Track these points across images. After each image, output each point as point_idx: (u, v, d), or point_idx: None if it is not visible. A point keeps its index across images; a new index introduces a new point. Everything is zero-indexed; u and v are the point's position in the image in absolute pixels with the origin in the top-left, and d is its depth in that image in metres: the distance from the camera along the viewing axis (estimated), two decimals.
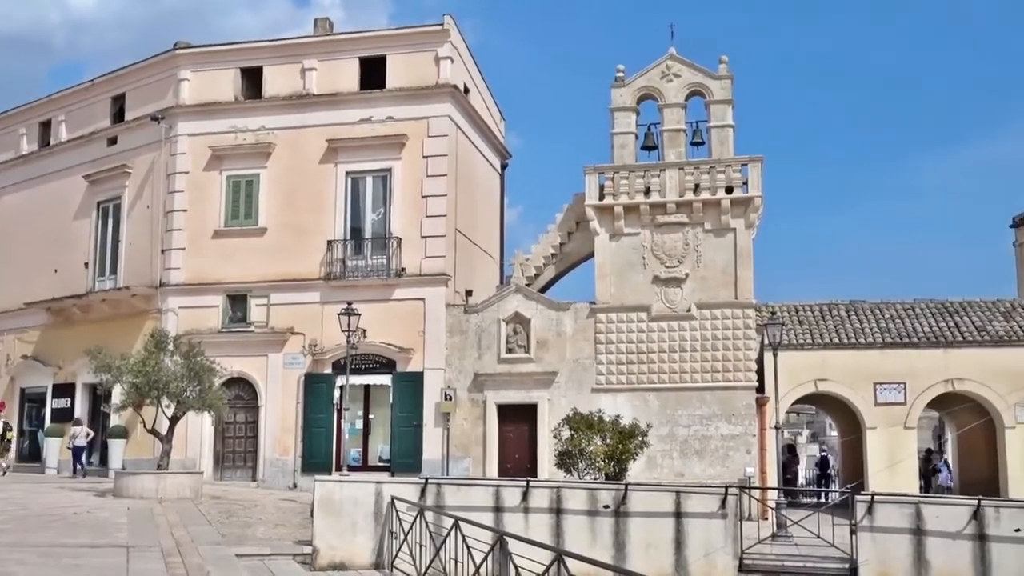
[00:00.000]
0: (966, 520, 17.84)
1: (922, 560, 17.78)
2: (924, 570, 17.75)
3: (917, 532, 17.85)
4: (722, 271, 26.11)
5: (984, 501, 18.29)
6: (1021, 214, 36.33)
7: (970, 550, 17.73)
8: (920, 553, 17.81)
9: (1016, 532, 17.58)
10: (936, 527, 17.86)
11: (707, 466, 25.28)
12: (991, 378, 25.15)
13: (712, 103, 26.99)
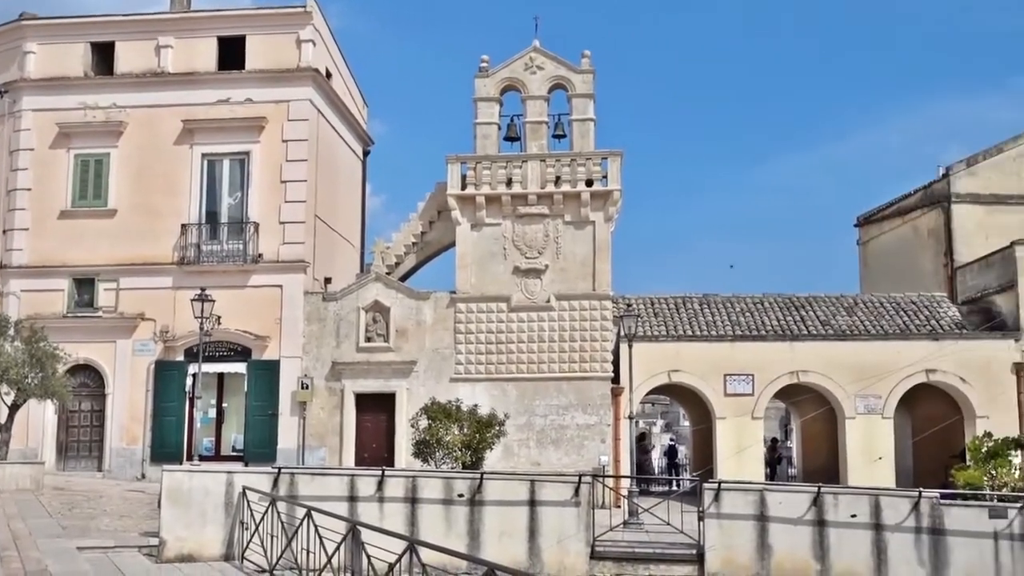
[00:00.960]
0: (807, 507, 18.61)
1: (765, 545, 18.47)
2: (767, 555, 18.45)
3: (761, 518, 18.53)
4: (581, 263, 26.50)
5: (824, 488, 19.10)
6: (865, 214, 38.04)
7: (810, 535, 18.51)
8: (763, 538, 18.50)
9: (852, 518, 18.43)
10: (779, 513, 18.57)
11: (563, 455, 25.65)
12: (834, 370, 26.21)
13: (574, 96, 27.34)
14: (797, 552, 18.46)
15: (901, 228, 35.18)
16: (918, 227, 34.00)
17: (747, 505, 18.67)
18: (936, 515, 18.51)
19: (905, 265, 34.05)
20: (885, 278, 34.71)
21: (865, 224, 38.05)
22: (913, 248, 34.10)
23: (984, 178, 31.90)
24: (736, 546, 18.46)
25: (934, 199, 32.95)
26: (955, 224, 31.65)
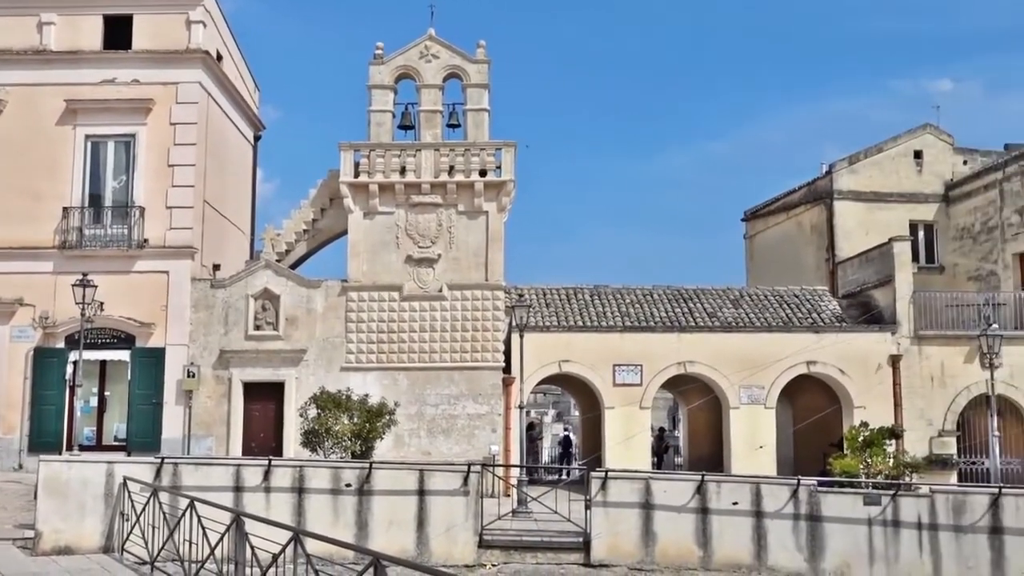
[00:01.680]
0: (691, 495, 19.03)
1: (650, 532, 18.82)
2: (651, 542, 18.81)
3: (646, 506, 18.88)
4: (474, 253, 26.51)
5: (707, 477, 19.55)
6: (751, 209, 38.96)
7: (693, 522, 18.94)
8: (648, 526, 18.85)
9: (734, 505, 18.90)
10: (663, 501, 18.94)
11: (453, 444, 25.67)
12: (719, 361, 26.75)
13: (469, 86, 27.31)
14: (681, 539, 18.88)
15: (786, 223, 36.18)
16: (802, 223, 35.01)
17: (633, 493, 18.99)
18: (814, 502, 19.12)
19: (789, 259, 35.01)
20: (770, 271, 35.65)
21: (751, 219, 39.01)
22: (797, 243, 35.10)
23: (865, 176, 32.99)
24: (622, 533, 18.78)
25: (817, 196, 33.95)
26: (837, 220, 32.69)
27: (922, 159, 33.18)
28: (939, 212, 32.80)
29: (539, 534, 19.14)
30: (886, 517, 19.06)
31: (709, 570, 18.61)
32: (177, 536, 14.56)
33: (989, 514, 19.03)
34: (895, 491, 19.50)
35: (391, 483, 18.61)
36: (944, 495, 19.59)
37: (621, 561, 18.66)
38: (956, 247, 32.18)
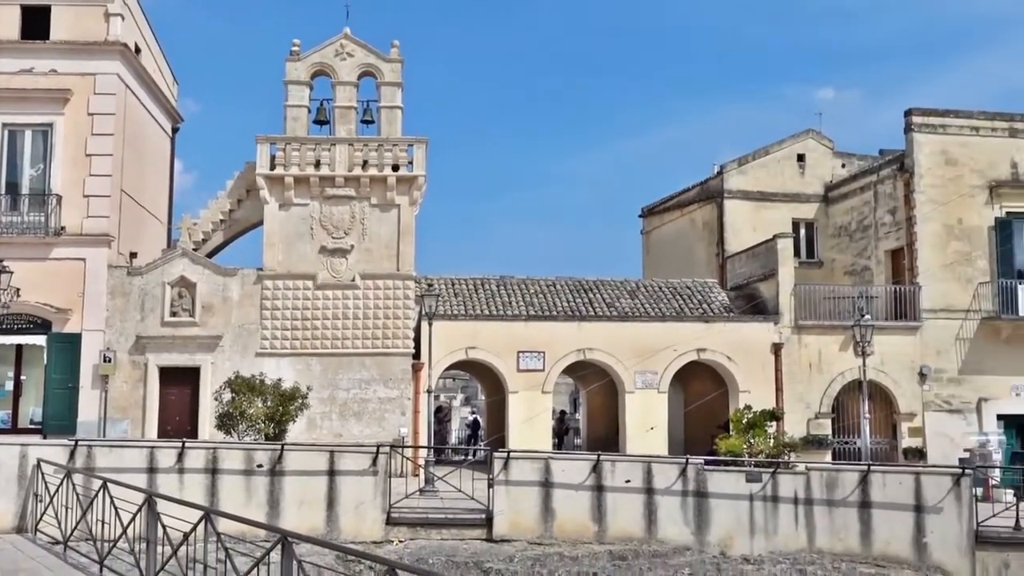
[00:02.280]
0: (587, 473, 19.25)
1: (549, 509, 19.01)
2: (550, 518, 18.99)
3: (546, 484, 19.06)
4: (386, 244, 26.36)
5: (603, 457, 19.80)
6: (648, 206, 39.47)
7: (589, 499, 19.17)
8: (548, 503, 19.03)
9: (627, 483, 19.18)
10: (562, 480, 19.14)
11: (364, 427, 25.50)
12: (616, 348, 27.05)
13: (383, 84, 27.10)
14: (578, 515, 19.10)
15: (680, 220, 36.75)
16: (695, 219, 35.61)
17: (533, 472, 19.16)
18: (700, 480, 19.52)
19: (682, 253, 35.60)
20: (665, 265, 36.22)
21: (648, 215, 39.53)
22: (690, 238, 35.70)
23: (753, 177, 33.67)
24: (522, 510, 18.93)
25: (709, 195, 34.56)
26: (727, 218, 33.32)
27: (805, 162, 33.98)
28: (819, 211, 33.64)
29: (444, 511, 19.19)
30: (766, 493, 19.55)
31: (604, 543, 18.85)
32: (90, 516, 14.24)
33: (859, 489, 19.64)
34: (775, 469, 20.00)
35: (303, 464, 18.47)
36: (819, 472, 20.15)
37: (522, 536, 18.81)
38: (834, 244, 33.06)
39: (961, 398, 27.83)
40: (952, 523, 19.42)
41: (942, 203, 28.44)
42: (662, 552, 18.64)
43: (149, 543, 11.97)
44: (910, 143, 28.83)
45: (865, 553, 19.37)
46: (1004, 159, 28.88)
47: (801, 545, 19.39)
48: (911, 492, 19.63)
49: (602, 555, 18.21)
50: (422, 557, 17.27)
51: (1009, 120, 29.21)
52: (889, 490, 19.65)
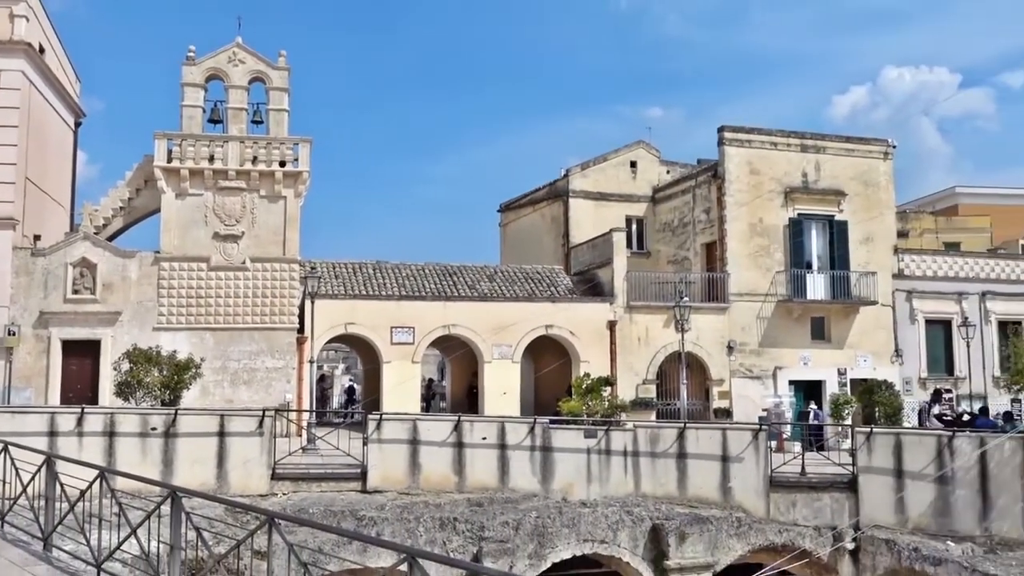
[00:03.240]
0: (449, 432, 19.19)
1: (416, 463, 18.86)
2: (417, 471, 18.86)
3: (414, 442, 18.90)
4: (273, 231, 25.61)
5: (463, 417, 19.77)
6: (506, 202, 39.56)
7: (451, 455, 19.11)
8: (415, 458, 18.88)
9: (483, 440, 19.20)
10: (428, 438, 19.02)
11: (253, 393, 24.79)
12: (477, 324, 27.05)
13: (272, 89, 26.26)
14: (441, 468, 19.04)
15: (532, 215, 36.98)
16: (544, 215, 35.89)
17: (403, 432, 18.98)
18: (546, 436, 19.70)
19: (534, 244, 35.85)
20: (519, 253, 36.39)
21: (506, 211, 39.64)
22: (540, 231, 35.97)
23: (593, 179, 34.14)
24: (393, 465, 18.75)
25: (557, 194, 34.88)
26: (571, 214, 33.70)
27: (637, 168, 34.66)
28: (648, 210, 34.39)
29: (324, 467, 18.83)
30: (601, 447, 19.89)
31: (463, 492, 18.85)
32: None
33: (677, 443, 20.18)
34: (608, 427, 20.38)
35: (195, 427, 17.81)
36: (644, 429, 20.63)
37: (392, 487, 18.64)
38: (660, 237, 33.86)
39: (760, 367, 28.99)
40: (751, 470, 20.17)
41: (747, 205, 29.47)
42: (513, 499, 18.77)
43: (48, 500, 11.27)
44: (722, 155, 29.75)
45: (682, 496, 19.95)
46: (797, 169, 30.13)
47: (629, 490, 19.82)
48: (719, 445, 20.30)
49: (462, 502, 18.22)
50: (303, 507, 16.90)
51: (800, 138, 30.49)
52: (701, 444, 20.27)
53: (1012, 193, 49.86)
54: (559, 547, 17.63)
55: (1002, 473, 19.29)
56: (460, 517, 17.29)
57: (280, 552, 8.50)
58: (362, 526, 16.31)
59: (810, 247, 29.91)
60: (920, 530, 19.36)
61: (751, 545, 19.19)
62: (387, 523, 16.63)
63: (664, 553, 18.19)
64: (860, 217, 30.33)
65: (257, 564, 9.77)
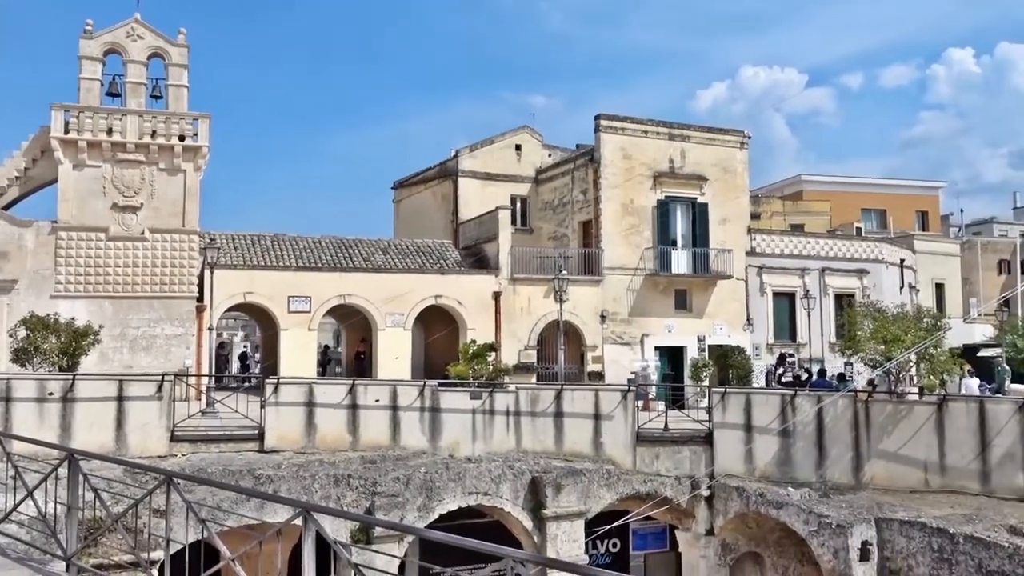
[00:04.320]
0: (344, 394, 18.96)
1: (312, 424, 18.59)
2: (313, 432, 18.60)
3: (309, 404, 18.60)
4: (173, 203, 24.52)
5: (357, 381, 19.56)
6: (399, 180, 39.11)
7: (346, 416, 18.91)
8: (311, 420, 18.60)
9: (376, 402, 19.06)
10: (323, 400, 18.75)
11: (153, 359, 23.77)
12: (371, 294, 26.69)
13: (171, 65, 25.00)
14: (336, 428, 18.82)
15: (424, 192, 36.69)
16: (435, 193, 35.66)
17: (299, 395, 18.65)
18: (435, 398, 19.72)
19: (425, 219, 35.59)
20: (411, 228, 36.08)
21: (399, 188, 39.19)
22: (431, 207, 35.73)
23: (481, 160, 34.08)
24: (289, 426, 18.43)
25: (447, 173, 34.68)
26: (460, 192, 33.57)
27: (521, 151, 34.76)
28: (531, 190, 34.59)
29: (222, 429, 18.35)
30: (486, 407, 20.04)
31: (357, 451, 18.70)
32: None
33: (554, 403, 20.51)
34: (492, 389, 20.54)
35: (94, 391, 17.03)
36: (525, 391, 20.88)
37: (289, 447, 18.32)
38: (542, 215, 34.13)
39: (630, 334, 29.71)
40: (620, 427, 20.73)
41: (620, 187, 30.01)
42: (404, 456, 18.74)
43: None
44: (598, 141, 30.15)
45: (558, 451, 20.34)
46: (664, 156, 30.84)
47: (511, 447, 20.08)
48: (592, 404, 20.75)
49: (356, 460, 18.06)
50: (202, 468, 16.41)
51: (668, 127, 31.19)
52: (576, 404, 20.67)
53: (849, 181, 52.58)
54: (446, 500, 17.73)
55: (836, 427, 20.45)
56: (354, 474, 17.14)
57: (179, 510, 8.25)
58: (259, 484, 15.97)
59: (675, 226, 30.71)
60: (766, 478, 20.35)
61: (619, 494, 19.77)
62: (284, 481, 16.34)
63: (542, 503, 18.54)
64: (719, 200, 31.34)
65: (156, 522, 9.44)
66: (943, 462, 19.64)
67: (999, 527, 16.42)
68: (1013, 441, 19.11)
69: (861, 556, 17.24)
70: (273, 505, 14.63)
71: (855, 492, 19.54)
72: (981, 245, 58.98)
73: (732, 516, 20.04)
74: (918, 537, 16.88)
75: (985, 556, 15.72)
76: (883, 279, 34.27)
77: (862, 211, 50.42)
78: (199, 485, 13.29)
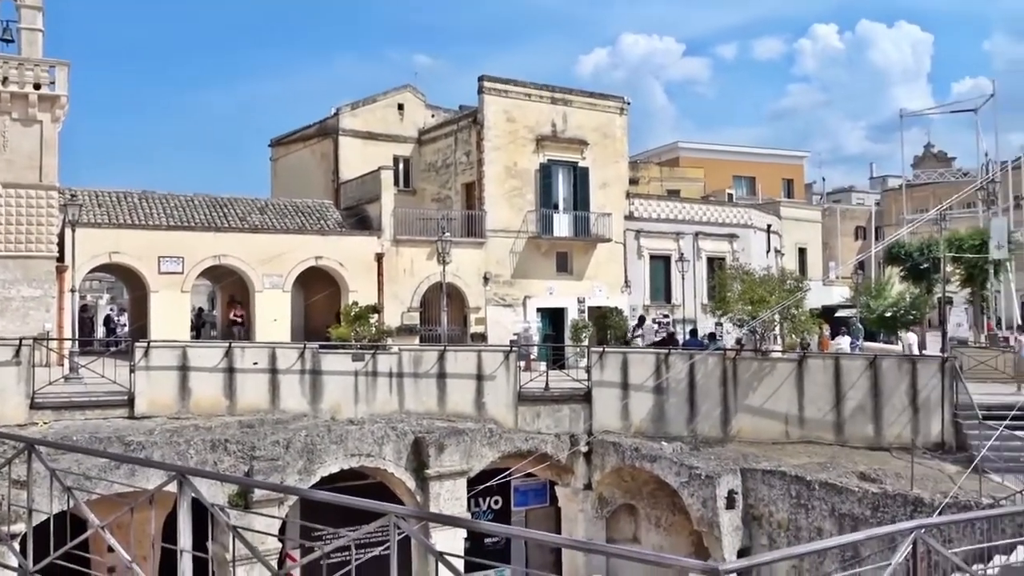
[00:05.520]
0: (220, 358, 18.40)
1: (186, 388, 18.00)
2: (187, 396, 18.02)
3: (183, 369, 17.97)
4: (28, 157, 22.82)
5: (234, 344, 19.03)
6: (277, 137, 37.87)
7: (222, 379, 18.39)
8: (185, 384, 17.99)
9: (255, 365, 18.61)
10: (198, 364, 18.16)
11: (8, 323, 22.18)
12: (248, 255, 25.85)
13: (23, 7, 23.03)
14: (212, 393, 18.28)
15: (303, 151, 35.65)
16: (315, 151, 34.72)
17: (172, 359, 17.98)
18: (316, 360, 19.42)
19: (305, 179, 34.64)
20: (290, 188, 35.02)
21: (277, 146, 37.93)
22: (311, 167, 34.79)
23: (363, 119, 33.38)
24: (162, 391, 17.76)
25: (327, 131, 33.80)
26: (341, 152, 32.83)
27: (404, 111, 34.21)
28: (414, 151, 34.17)
29: (88, 395, 17.47)
30: (368, 369, 19.88)
31: (235, 415, 18.23)
32: None
33: (437, 364, 20.56)
34: (375, 351, 20.39)
35: None
36: (408, 353, 20.82)
37: (161, 413, 17.65)
38: (425, 177, 33.81)
39: (512, 296, 30.00)
40: (502, 387, 20.99)
41: (503, 149, 30.05)
42: (284, 419, 18.41)
43: None
44: (481, 103, 30.03)
45: (441, 411, 20.43)
46: (547, 120, 31.03)
47: (394, 408, 20.03)
48: (474, 365, 20.92)
49: (233, 424, 17.61)
50: (66, 435, 15.60)
51: (551, 91, 31.36)
52: (459, 364, 20.79)
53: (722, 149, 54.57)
54: (328, 462, 17.56)
55: (706, 384, 21.39)
56: (231, 439, 16.71)
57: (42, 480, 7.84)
58: (130, 451, 15.33)
59: (557, 190, 31.08)
60: (641, 433, 21.12)
61: (501, 452, 20.09)
62: (156, 447, 15.75)
63: (425, 463, 18.64)
64: (599, 165, 31.87)
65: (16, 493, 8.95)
66: (802, 415, 20.89)
67: (850, 474, 17.67)
68: (864, 395, 20.52)
69: (727, 504, 18.22)
70: (145, 471, 14.14)
71: (723, 445, 20.55)
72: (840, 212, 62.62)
73: (609, 470, 20.73)
74: (778, 485, 17.97)
75: (837, 500, 16.92)
76: (752, 244, 35.88)
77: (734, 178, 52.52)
78: (65, 453, 12.66)
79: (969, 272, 35.70)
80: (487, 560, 21.42)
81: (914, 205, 51.91)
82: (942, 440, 19.74)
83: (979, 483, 15.83)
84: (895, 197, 60.21)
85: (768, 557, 5.19)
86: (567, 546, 18.90)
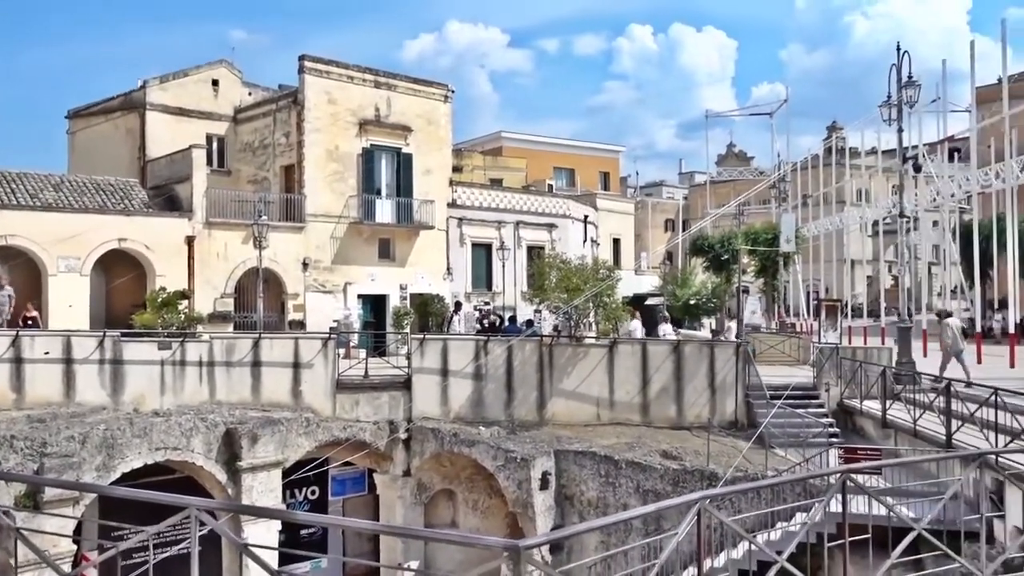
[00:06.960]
0: (6, 347, 16.95)
1: None
2: None
3: None
4: None
5: (22, 333, 17.58)
6: (75, 109, 35.10)
7: (8, 371, 17.03)
8: None
9: (46, 355, 17.31)
10: None
11: None
12: (40, 236, 23.86)
13: None
14: None
15: (105, 125, 33.23)
16: (119, 126, 32.48)
17: None
18: (118, 349, 18.33)
19: (108, 155, 32.33)
20: (91, 164, 32.54)
21: (75, 118, 35.10)
22: (114, 142, 32.51)
23: (173, 93, 31.57)
24: None
25: (133, 105, 31.70)
26: (148, 128, 30.93)
27: (219, 87, 32.65)
28: (229, 129, 32.72)
29: None
30: (176, 358, 19.02)
31: (23, 409, 16.88)
32: None
33: (252, 352, 19.98)
34: (183, 339, 19.49)
35: None
36: (220, 340, 20.09)
37: None
38: (241, 157, 32.49)
39: (333, 282, 29.50)
40: (320, 375, 20.68)
41: (324, 132, 29.42)
42: (80, 412, 17.23)
43: None
44: (302, 83, 29.22)
45: (256, 401, 19.86)
46: (371, 103, 30.67)
47: (204, 399, 19.28)
48: (291, 353, 20.47)
49: (20, 419, 16.27)
50: None
51: (375, 75, 31.01)
52: (275, 352, 20.28)
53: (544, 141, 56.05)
54: (129, 457, 16.62)
55: (524, 369, 22.00)
56: (18, 434, 15.45)
57: None
58: None
59: (380, 175, 30.83)
60: (460, 419, 21.44)
61: (318, 441, 19.80)
62: None
63: (237, 455, 18.05)
64: (423, 151, 31.89)
65: None
66: (612, 398, 21.95)
67: (654, 452, 18.80)
68: (668, 377, 21.85)
69: (541, 485, 18.89)
70: None
71: (539, 428, 21.24)
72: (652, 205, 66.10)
73: (428, 456, 20.92)
74: (589, 465, 18.84)
75: (642, 477, 17.97)
76: (569, 233, 37.18)
77: (554, 169, 54.11)
78: None
79: (763, 263, 38.82)
80: (303, 551, 21.05)
81: (717, 200, 55.69)
82: (736, 419, 21.37)
83: (765, 457, 17.30)
84: (701, 192, 64.41)
85: (563, 533, 5.50)
86: (380, 532, 18.94)
